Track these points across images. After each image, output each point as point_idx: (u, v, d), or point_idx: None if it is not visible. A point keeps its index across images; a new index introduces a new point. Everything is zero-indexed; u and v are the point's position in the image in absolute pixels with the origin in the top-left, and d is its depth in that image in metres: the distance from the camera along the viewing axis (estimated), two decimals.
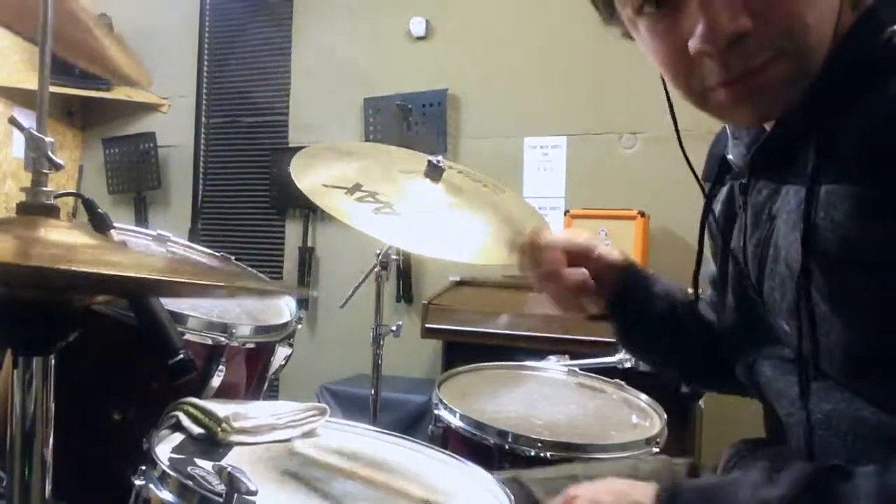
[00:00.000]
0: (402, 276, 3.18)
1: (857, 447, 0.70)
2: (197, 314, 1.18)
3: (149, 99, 3.82)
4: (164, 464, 0.84)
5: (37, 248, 0.66)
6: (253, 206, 3.64)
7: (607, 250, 1.03)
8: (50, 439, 0.71)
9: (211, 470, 0.82)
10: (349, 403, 2.65)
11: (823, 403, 0.74)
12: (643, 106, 2.81)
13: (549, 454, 1.24)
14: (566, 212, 2.77)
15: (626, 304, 1.03)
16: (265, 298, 1.41)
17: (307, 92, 3.53)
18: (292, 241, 3.51)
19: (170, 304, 1.09)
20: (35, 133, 0.72)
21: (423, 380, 2.93)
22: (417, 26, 3.25)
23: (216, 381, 1.16)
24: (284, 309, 1.42)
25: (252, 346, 1.26)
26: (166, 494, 0.81)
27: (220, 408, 1.00)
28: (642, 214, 2.62)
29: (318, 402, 1.27)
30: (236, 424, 0.98)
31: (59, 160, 0.73)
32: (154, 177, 3.72)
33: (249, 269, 1.52)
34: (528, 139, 3.07)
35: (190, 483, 0.80)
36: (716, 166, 0.90)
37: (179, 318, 1.13)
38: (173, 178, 3.74)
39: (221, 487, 0.76)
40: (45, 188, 0.72)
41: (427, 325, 2.56)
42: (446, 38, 3.26)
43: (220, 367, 1.17)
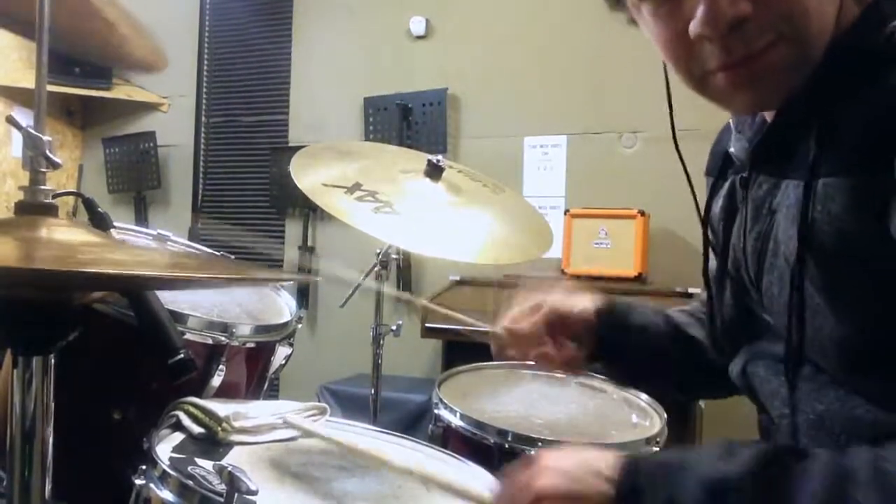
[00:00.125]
0: (401, 275, 3.18)
1: (852, 448, 0.70)
2: (197, 314, 1.18)
3: (149, 98, 3.82)
4: (165, 463, 0.84)
5: (36, 247, 0.66)
6: (253, 206, 3.64)
7: (582, 306, 1.10)
8: (50, 439, 0.71)
9: (211, 469, 0.82)
10: (349, 403, 2.64)
11: (816, 404, 0.74)
12: (643, 105, 2.81)
13: None
14: (566, 211, 2.77)
15: (607, 350, 1.12)
16: (267, 286, 1.40)
17: (307, 92, 3.53)
18: (292, 241, 3.51)
19: (170, 304, 1.09)
20: (33, 132, 0.72)
21: (423, 379, 2.93)
22: (417, 26, 3.25)
23: (216, 380, 1.16)
24: (284, 308, 1.41)
25: (252, 345, 1.26)
26: (167, 494, 0.81)
27: (221, 407, 1.00)
28: (642, 214, 2.62)
29: (319, 401, 1.27)
30: (237, 424, 0.98)
31: (56, 159, 0.73)
32: (154, 176, 3.72)
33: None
34: (528, 139, 3.07)
35: (190, 483, 0.80)
36: (719, 161, 0.90)
37: (179, 318, 1.13)
38: (173, 178, 3.74)
39: (222, 487, 0.76)
40: (43, 187, 0.72)
41: (427, 325, 2.56)
42: (446, 38, 3.26)
43: (221, 366, 1.16)
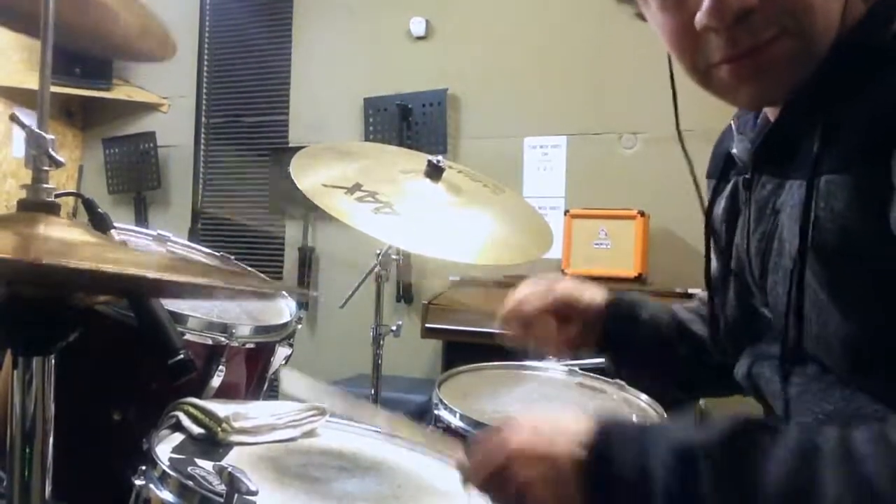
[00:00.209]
0: (402, 276, 3.18)
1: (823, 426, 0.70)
2: (197, 314, 1.18)
3: (149, 98, 3.82)
4: (165, 464, 0.84)
5: (37, 245, 0.66)
6: (253, 207, 3.64)
7: (591, 296, 1.07)
8: (50, 439, 0.71)
9: (211, 470, 0.82)
10: None
11: (825, 404, 0.74)
12: (643, 106, 2.81)
13: None
14: (566, 212, 2.77)
15: (614, 341, 1.09)
16: (265, 299, 1.40)
17: (307, 92, 3.53)
18: (292, 241, 3.51)
19: (170, 304, 1.09)
20: (36, 130, 0.72)
21: (423, 380, 2.93)
22: (417, 26, 3.25)
23: (216, 381, 1.16)
24: (284, 309, 1.41)
25: (252, 346, 1.26)
26: (166, 494, 0.81)
27: (221, 408, 1.00)
28: (642, 214, 2.62)
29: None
30: (236, 424, 0.98)
31: (60, 158, 0.73)
32: (154, 177, 3.72)
33: (249, 269, 1.52)
34: (528, 139, 3.07)
35: (190, 483, 0.80)
36: (720, 163, 0.90)
37: (179, 318, 1.13)
38: (173, 178, 3.74)
39: (222, 487, 0.76)
40: (45, 185, 0.72)
41: (427, 325, 2.56)
42: (446, 38, 3.26)
43: (220, 367, 1.17)
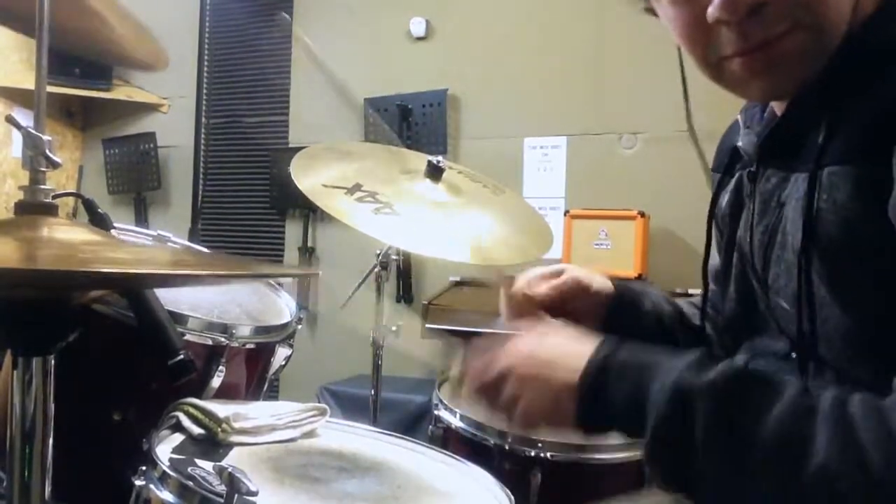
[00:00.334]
0: (402, 276, 3.18)
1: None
2: (197, 315, 1.18)
3: (149, 99, 3.82)
4: (165, 464, 0.84)
5: (37, 246, 0.66)
6: (253, 206, 3.64)
7: (601, 281, 1.04)
8: (50, 439, 0.71)
9: (211, 470, 0.82)
10: (349, 404, 2.64)
11: None
12: (643, 106, 2.81)
13: (549, 454, 1.24)
14: (566, 212, 2.77)
15: (617, 326, 1.04)
16: (267, 282, 1.40)
17: (307, 92, 3.53)
18: (292, 241, 3.51)
19: (170, 305, 1.09)
20: (33, 131, 0.72)
21: (423, 380, 2.93)
22: (417, 26, 3.25)
23: (216, 381, 1.16)
24: (284, 309, 1.42)
25: (252, 346, 1.26)
26: (166, 495, 0.81)
27: (221, 408, 1.00)
28: (642, 214, 2.61)
29: (319, 402, 1.27)
30: (236, 425, 0.98)
31: (56, 158, 0.73)
32: (154, 177, 3.72)
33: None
34: (528, 139, 3.07)
35: (190, 483, 0.80)
36: (725, 157, 0.90)
37: (179, 319, 1.13)
38: (173, 179, 3.74)
39: (222, 488, 0.76)
40: (43, 186, 0.72)
41: (427, 326, 2.56)
42: (446, 38, 3.26)
43: (220, 367, 1.17)
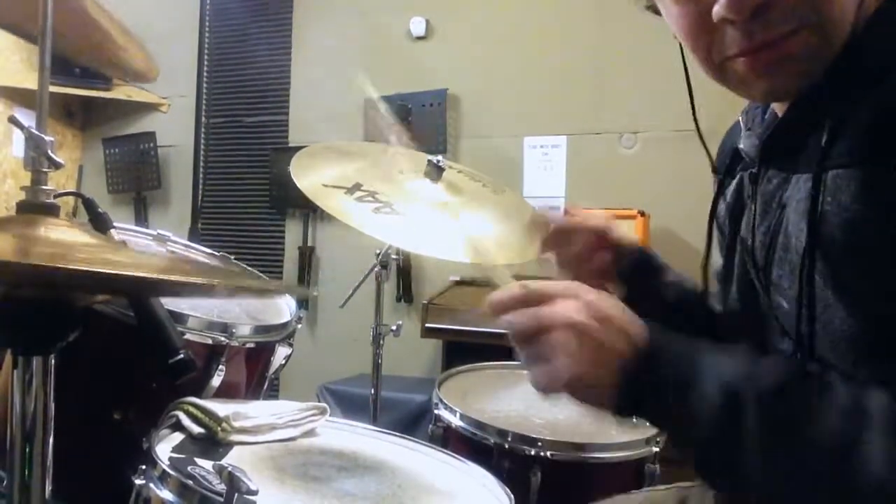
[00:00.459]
0: (401, 275, 3.18)
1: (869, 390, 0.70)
2: (197, 314, 1.18)
3: (149, 99, 3.82)
4: (165, 463, 0.84)
5: (37, 246, 0.66)
6: (253, 206, 3.64)
7: (623, 233, 1.04)
8: (50, 439, 0.71)
9: (211, 469, 0.82)
10: (349, 403, 2.64)
11: None
12: (643, 106, 2.81)
13: (549, 453, 1.24)
14: (566, 211, 2.77)
15: (638, 291, 1.02)
16: (264, 298, 1.41)
17: (307, 92, 3.53)
18: (292, 241, 3.51)
19: (170, 304, 1.09)
20: (35, 132, 0.72)
21: (423, 380, 2.93)
22: (417, 26, 3.25)
23: (216, 380, 1.16)
24: (284, 308, 1.42)
25: (252, 345, 1.26)
26: (167, 494, 0.81)
27: (221, 407, 1.00)
28: (642, 214, 2.61)
29: (319, 401, 1.27)
30: (236, 424, 0.98)
31: (58, 159, 0.73)
32: (154, 177, 3.72)
33: (249, 268, 1.52)
34: (528, 139, 3.07)
35: (190, 482, 0.80)
36: (727, 159, 0.90)
37: (179, 318, 1.13)
38: (173, 178, 3.74)
39: (222, 487, 0.76)
40: (44, 187, 0.72)
41: (427, 325, 2.56)
42: (446, 38, 3.26)
43: (220, 366, 1.17)
